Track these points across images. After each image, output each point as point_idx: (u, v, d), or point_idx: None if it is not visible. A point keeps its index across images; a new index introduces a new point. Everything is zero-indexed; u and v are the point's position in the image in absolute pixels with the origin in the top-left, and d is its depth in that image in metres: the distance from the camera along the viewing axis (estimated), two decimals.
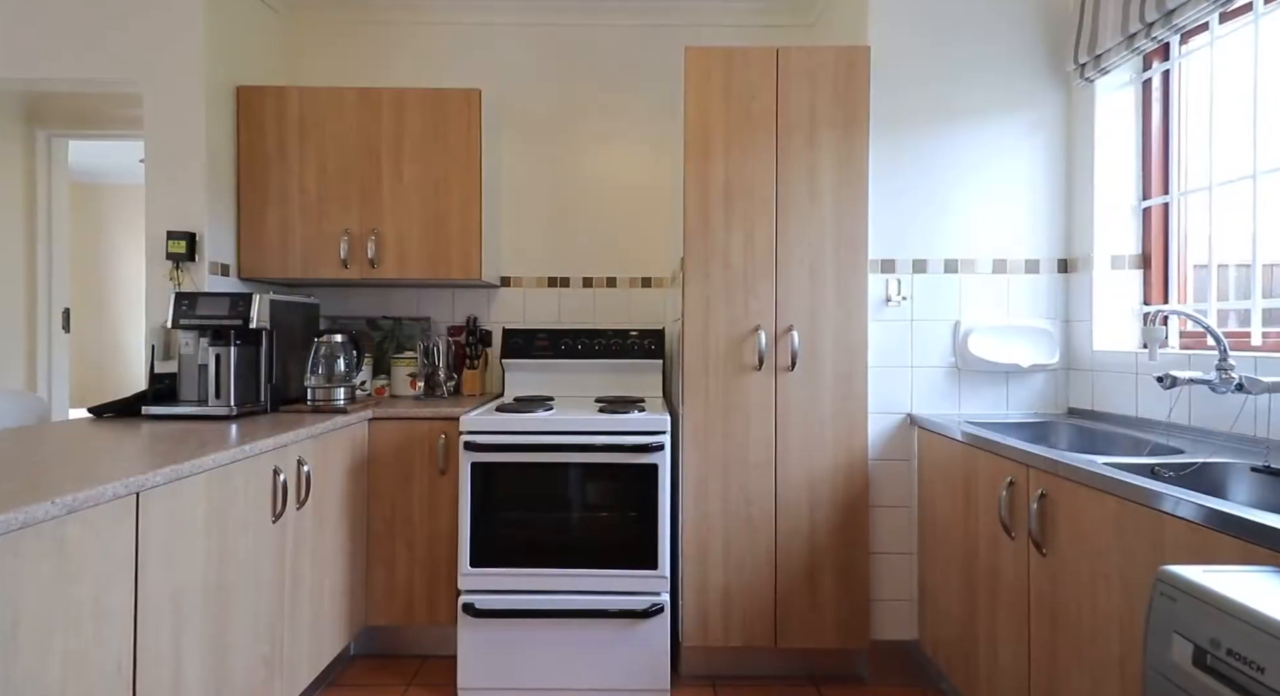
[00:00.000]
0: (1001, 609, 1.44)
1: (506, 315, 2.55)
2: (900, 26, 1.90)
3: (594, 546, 1.80)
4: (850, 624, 1.85)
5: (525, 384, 2.40)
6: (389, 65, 2.54)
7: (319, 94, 2.19)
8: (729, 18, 2.49)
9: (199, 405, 1.80)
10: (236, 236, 2.20)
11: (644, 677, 1.78)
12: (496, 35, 2.53)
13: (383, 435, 1.98)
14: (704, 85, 1.85)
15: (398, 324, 2.53)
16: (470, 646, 1.78)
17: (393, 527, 1.97)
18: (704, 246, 1.85)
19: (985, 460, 1.50)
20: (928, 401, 1.93)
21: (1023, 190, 1.90)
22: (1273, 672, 0.62)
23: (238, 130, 2.19)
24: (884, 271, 1.92)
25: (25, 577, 0.88)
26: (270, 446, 1.46)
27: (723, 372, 1.85)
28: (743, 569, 1.84)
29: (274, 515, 1.48)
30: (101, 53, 2.04)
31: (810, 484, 1.85)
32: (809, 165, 1.83)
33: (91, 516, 0.98)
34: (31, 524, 0.88)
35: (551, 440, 1.80)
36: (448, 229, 2.22)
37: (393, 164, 2.21)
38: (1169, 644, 0.75)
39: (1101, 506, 1.11)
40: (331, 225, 2.21)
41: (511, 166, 2.55)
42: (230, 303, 1.81)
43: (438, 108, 2.20)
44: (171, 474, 1.14)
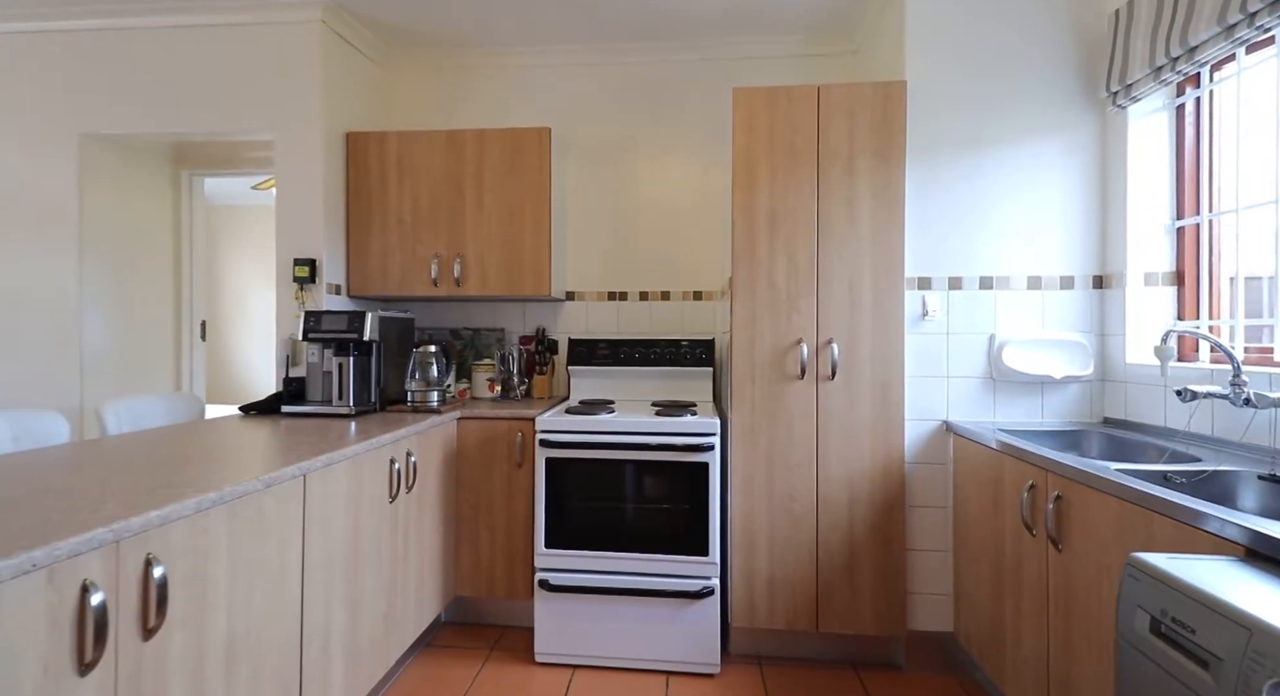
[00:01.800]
0: (1024, 600, 1.57)
1: (571, 326, 2.83)
2: (937, 60, 2.04)
3: (651, 533, 2.04)
4: (888, 613, 2.00)
5: (588, 388, 2.67)
6: (468, 103, 2.87)
7: (414, 137, 2.53)
8: (774, 49, 2.67)
9: (324, 405, 2.16)
10: (346, 260, 2.58)
11: (697, 652, 2.01)
12: (561, 74, 2.81)
13: (469, 432, 2.28)
14: (750, 122, 2.05)
15: (476, 334, 2.85)
16: (545, 617, 2.06)
17: (477, 513, 2.27)
18: (750, 267, 2.05)
19: (1010, 465, 1.64)
20: (964, 409, 2.06)
21: (1057, 210, 2.00)
22: (1201, 633, 0.79)
23: (347, 170, 2.56)
24: (920, 288, 2.07)
25: (241, 534, 1.20)
26: (389, 440, 1.77)
27: (767, 381, 2.04)
28: (786, 558, 2.03)
29: (390, 496, 1.80)
30: (241, 108, 2.45)
31: (849, 483, 2.02)
32: (848, 192, 2.00)
33: (278, 491, 1.30)
34: (245, 495, 1.20)
35: (614, 439, 2.05)
36: (521, 251, 2.51)
37: (475, 195, 2.52)
38: (1134, 615, 0.91)
39: (1105, 506, 1.25)
40: (424, 249, 2.54)
41: (575, 191, 2.83)
42: (348, 319, 2.16)
43: (513, 144, 2.50)
44: (327, 460, 1.46)
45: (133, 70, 2.48)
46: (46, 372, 2.54)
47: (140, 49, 2.47)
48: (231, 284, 6.14)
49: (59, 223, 2.52)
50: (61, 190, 2.52)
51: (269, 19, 2.39)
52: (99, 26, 2.47)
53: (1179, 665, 0.81)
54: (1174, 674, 0.82)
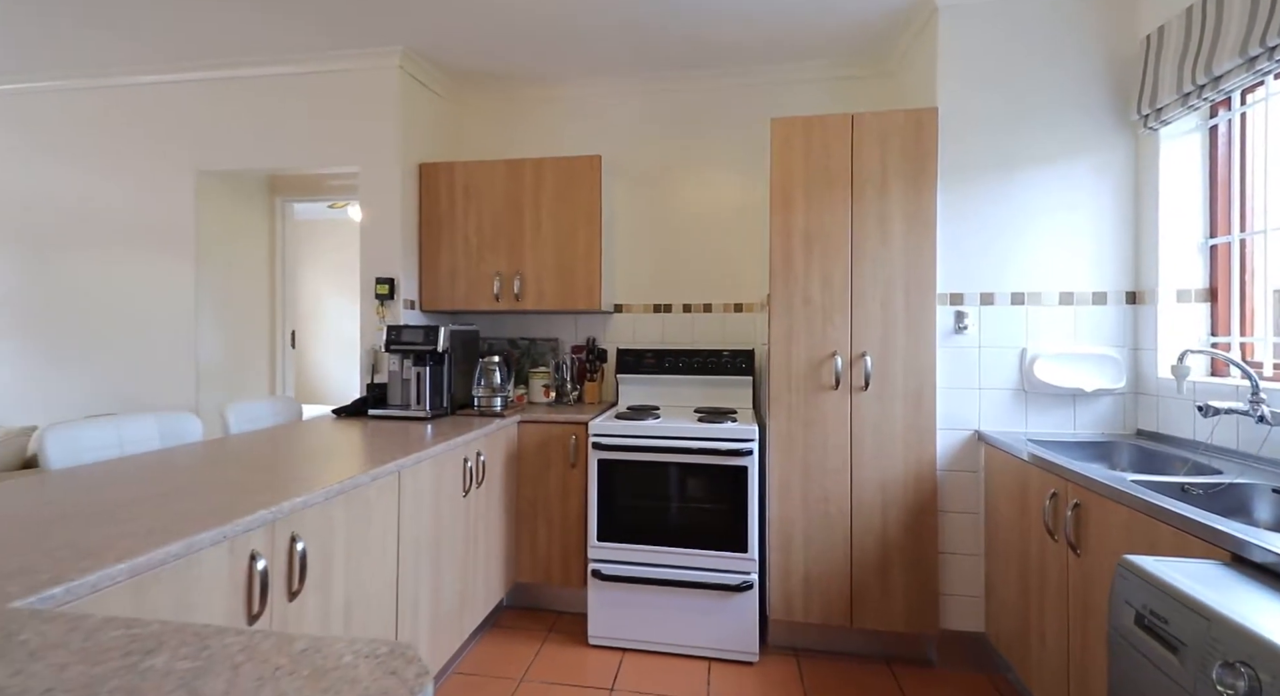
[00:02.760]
0: (1048, 601, 1.67)
1: (619, 336, 3.04)
2: (968, 85, 2.13)
3: (694, 530, 2.22)
4: (920, 612, 2.11)
5: (635, 395, 2.87)
6: (526, 132, 3.12)
7: (478, 166, 2.79)
8: (810, 73, 2.80)
9: (404, 409, 2.44)
10: (419, 278, 2.86)
11: (737, 642, 2.17)
12: (609, 103, 3.03)
13: (528, 435, 2.52)
14: (787, 149, 2.20)
15: (533, 343, 3.10)
16: (597, 604, 2.27)
17: (535, 508, 2.50)
18: (787, 284, 2.20)
19: (1035, 474, 1.73)
20: (995, 419, 2.14)
21: (1089, 228, 2.06)
22: (1172, 623, 0.91)
23: (420, 197, 2.85)
24: (952, 303, 2.16)
25: (360, 514, 1.45)
26: (463, 441, 2.02)
27: (804, 391, 2.19)
28: (821, 557, 2.17)
29: (464, 491, 2.05)
30: (330, 145, 2.76)
31: (882, 488, 2.14)
32: (880, 213, 2.12)
33: (380, 484, 1.56)
34: (357, 487, 1.45)
35: (661, 443, 2.24)
36: (574, 268, 2.74)
37: (533, 218, 2.76)
38: (1122, 610, 1.03)
39: (1117, 514, 1.35)
40: (487, 268, 2.80)
41: (623, 210, 3.04)
42: (424, 333, 2.43)
43: (567, 171, 2.73)
44: (416, 458, 1.70)
45: (239, 114, 2.84)
46: (168, 377, 2.94)
47: (245, 96, 2.83)
48: (305, 292, 6.67)
49: (180, 246, 2.92)
50: (182, 218, 2.91)
51: (355, 66, 2.70)
52: (211, 77, 2.84)
53: (1155, 651, 0.93)
54: (1152, 660, 0.94)
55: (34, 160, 3.04)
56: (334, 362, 6.46)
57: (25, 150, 3.05)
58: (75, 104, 2.99)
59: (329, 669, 0.60)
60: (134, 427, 1.84)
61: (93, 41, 2.63)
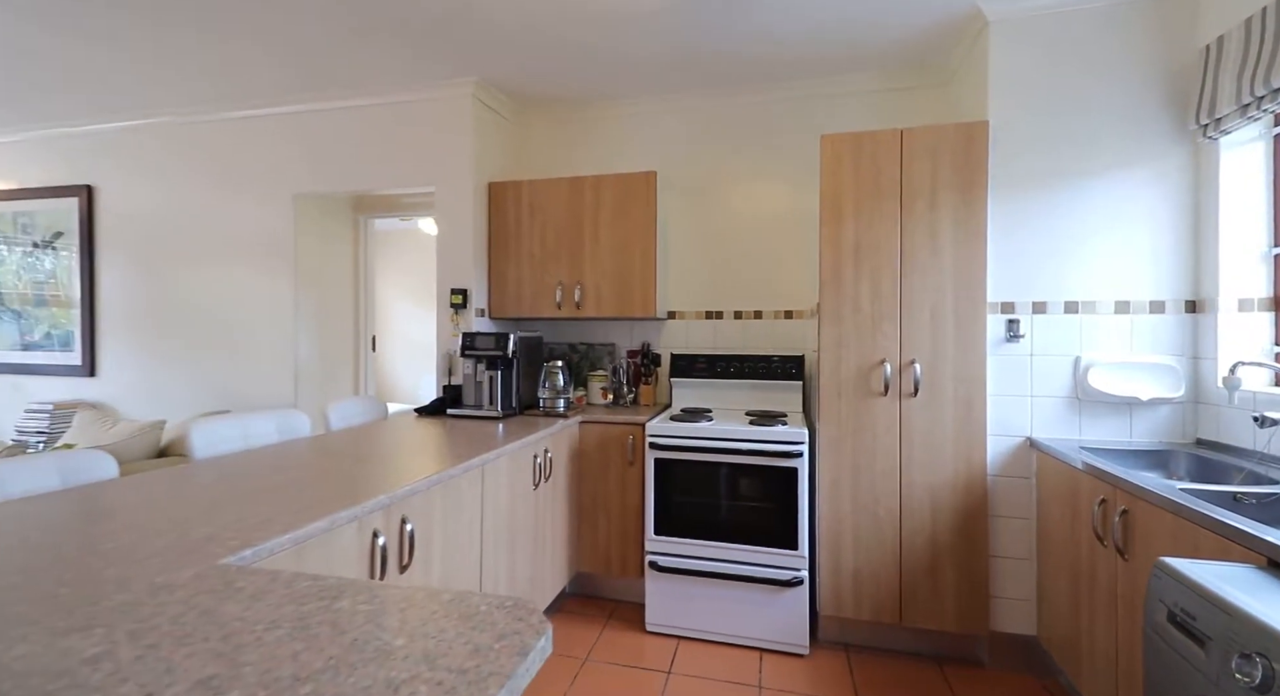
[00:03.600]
0: (1097, 605, 1.71)
1: (672, 341, 3.19)
2: (1021, 98, 2.17)
3: (746, 526, 2.34)
4: (970, 613, 2.16)
5: (688, 397, 3.01)
6: (584, 149, 3.31)
7: (542, 184, 3.00)
8: (861, 85, 2.87)
9: (477, 409, 2.68)
10: (488, 288, 3.10)
11: (788, 634, 2.28)
12: (662, 120, 3.18)
13: (589, 434, 2.70)
14: (836, 164, 2.29)
15: (590, 348, 3.29)
16: (654, 593, 2.43)
17: (595, 502, 2.68)
18: (836, 294, 2.29)
19: (1085, 481, 1.77)
20: (1049, 427, 2.17)
21: (1146, 238, 2.06)
22: (1199, 619, 0.98)
23: (490, 213, 3.09)
24: (1004, 312, 2.20)
25: (452, 502, 1.66)
26: (533, 440, 2.22)
27: (853, 397, 2.28)
28: (870, 556, 2.25)
29: (534, 484, 2.25)
30: (409, 167, 3.04)
31: (932, 492, 2.20)
32: (930, 226, 2.19)
33: (468, 476, 1.76)
34: (451, 478, 1.66)
35: (714, 444, 2.38)
36: (631, 278, 2.90)
37: (592, 231, 2.95)
38: (1157, 608, 1.10)
39: (1162, 520, 1.40)
40: (550, 278, 3.01)
41: (676, 221, 3.18)
42: (495, 339, 2.66)
43: (624, 187, 2.90)
44: (496, 454, 1.91)
45: (330, 143, 3.16)
46: (269, 377, 3.30)
47: (335, 126, 3.14)
48: (378, 297, 7.13)
49: (280, 260, 3.27)
50: (282, 235, 3.26)
51: (432, 96, 2.96)
52: (306, 110, 3.17)
53: (1184, 646, 1.01)
54: (1181, 653, 1.02)
55: (156, 185, 3.47)
56: (401, 363, 6.89)
57: (149, 177, 3.48)
58: (192, 136, 3.39)
59: (472, 614, 0.78)
60: (256, 423, 2.12)
61: (206, 82, 2.99)
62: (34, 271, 3.73)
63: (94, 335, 3.61)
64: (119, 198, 3.55)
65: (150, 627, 0.74)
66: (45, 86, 3.05)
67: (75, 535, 1.08)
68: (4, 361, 3.81)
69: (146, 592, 0.84)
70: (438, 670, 0.65)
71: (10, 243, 3.76)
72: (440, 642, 0.70)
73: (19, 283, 3.76)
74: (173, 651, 0.68)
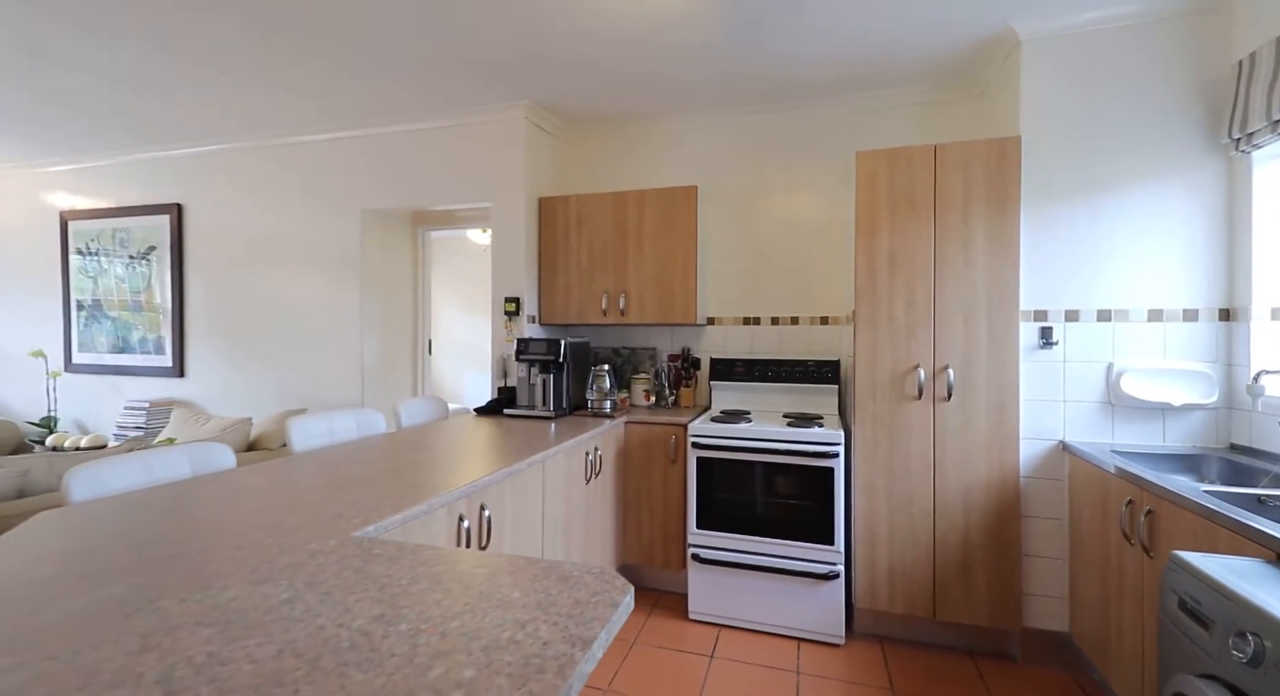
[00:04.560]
0: (1125, 601, 1.79)
1: (711, 346, 3.34)
2: (1053, 112, 2.24)
3: (783, 522, 2.48)
4: (1002, 608, 2.25)
5: (727, 400, 3.16)
6: (627, 164, 3.49)
7: (589, 198, 3.20)
8: (896, 99, 2.96)
9: (531, 409, 2.89)
10: (538, 296, 3.31)
11: (824, 625, 2.41)
12: (703, 135, 3.33)
13: (633, 434, 2.88)
14: (871, 179, 2.41)
15: (634, 352, 3.47)
16: (697, 584, 2.59)
17: (639, 498, 2.86)
18: (871, 302, 2.41)
19: (1114, 482, 1.85)
20: (1081, 430, 2.24)
21: (1178, 248, 2.12)
22: (1205, 605, 1.09)
23: (540, 226, 3.30)
24: (1036, 320, 2.28)
25: (519, 493, 1.86)
26: (586, 438, 2.41)
27: (887, 400, 2.39)
28: (905, 553, 2.36)
29: (586, 480, 2.44)
30: (466, 184, 3.28)
31: (965, 492, 2.30)
32: (963, 237, 2.29)
33: (533, 469, 1.96)
34: (518, 471, 1.85)
35: (753, 444, 2.52)
36: (672, 286, 3.07)
37: (636, 243, 3.12)
38: (1170, 597, 1.21)
39: (1184, 519, 1.49)
40: (596, 287, 3.20)
41: (715, 231, 3.34)
42: (547, 345, 2.86)
43: (667, 201, 3.07)
44: (554, 451, 2.10)
45: (394, 163, 3.42)
46: (338, 377, 3.59)
47: (401, 147, 3.40)
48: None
49: (348, 270, 3.55)
50: (351, 247, 3.54)
51: (488, 119, 3.19)
52: (372, 134, 3.44)
53: (1192, 629, 1.12)
54: (1189, 636, 1.12)
55: (237, 203, 3.81)
56: (447, 364, 7.22)
57: (233, 195, 3.82)
58: (270, 158, 3.71)
59: (567, 577, 0.96)
60: (340, 420, 2.37)
61: (284, 108, 3.29)
62: (130, 282, 4.13)
63: (183, 339, 3.98)
64: (204, 214, 3.90)
65: (320, 580, 0.94)
66: (142, 115, 3.40)
67: (228, 512, 1.31)
68: (103, 363, 4.23)
69: (306, 556, 1.05)
70: (551, 614, 0.83)
71: (110, 256, 4.17)
72: (547, 596, 0.89)
73: (117, 292, 4.17)
74: (344, 596, 0.88)
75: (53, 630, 0.78)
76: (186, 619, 0.81)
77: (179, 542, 1.11)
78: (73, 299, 4.31)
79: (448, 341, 7.19)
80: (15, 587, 0.92)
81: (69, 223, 4.28)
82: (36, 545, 1.10)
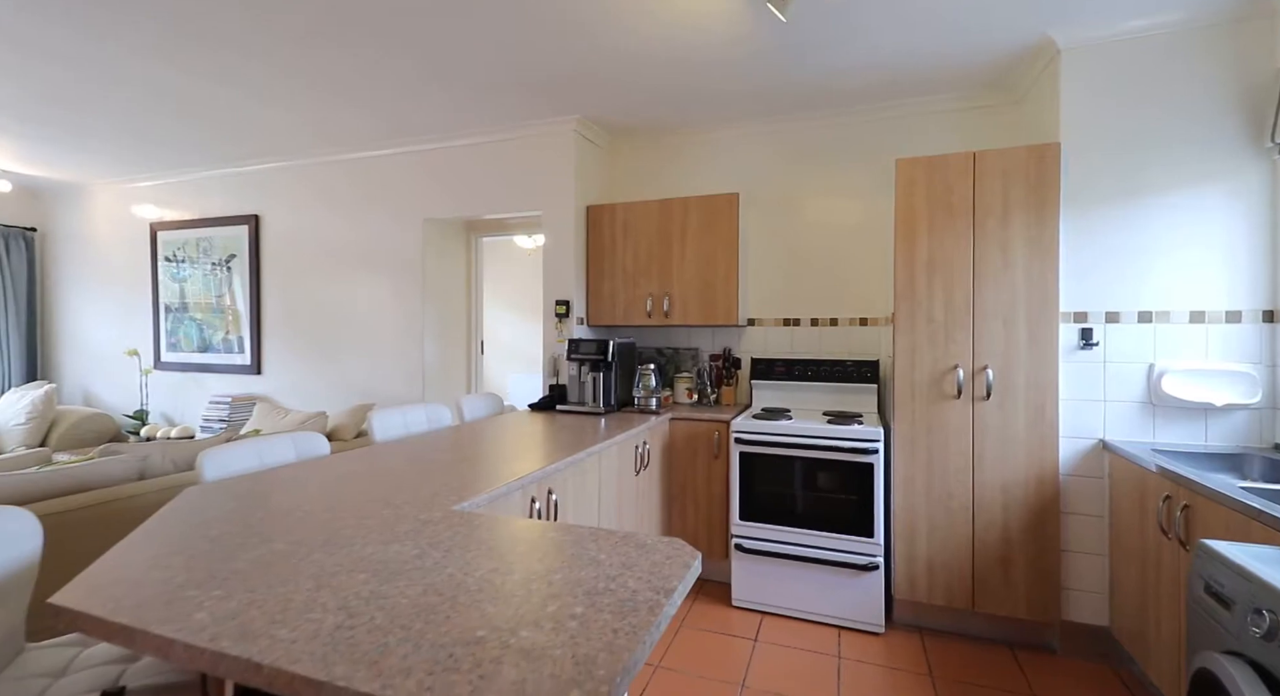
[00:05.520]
0: (1162, 594, 1.85)
1: (752, 346, 3.46)
2: (1094, 119, 2.29)
3: (824, 515, 2.59)
4: (1041, 602, 2.31)
5: (768, 398, 3.28)
6: (669, 172, 3.65)
7: (634, 206, 3.36)
8: (935, 105, 3.03)
9: (581, 405, 3.07)
10: (586, 299, 3.50)
11: (864, 614, 2.51)
12: (743, 144, 3.46)
13: (677, 430, 3.03)
14: (910, 187, 2.50)
15: (676, 352, 3.62)
16: (740, 572, 2.72)
17: (684, 491, 3.01)
18: (910, 305, 2.50)
19: (1152, 479, 1.91)
20: (1122, 429, 2.28)
21: (1221, 251, 2.14)
22: (1227, 586, 1.18)
23: (587, 233, 3.48)
24: (1076, 322, 2.34)
25: (579, 481, 2.03)
26: (635, 433, 2.58)
27: (926, 399, 2.48)
28: (944, 547, 2.45)
29: (635, 472, 2.60)
30: (520, 194, 3.49)
31: (1004, 489, 2.37)
32: (1002, 242, 2.36)
33: (591, 459, 2.14)
34: (577, 461, 2.03)
35: (795, 440, 2.64)
36: (715, 290, 3.21)
37: (679, 248, 3.28)
38: (1197, 582, 1.30)
39: (1217, 514, 1.55)
40: (641, 290, 3.36)
41: (756, 236, 3.46)
42: (597, 345, 3.04)
43: (709, 208, 3.21)
44: (609, 444, 2.28)
45: (452, 175, 3.66)
46: (401, 375, 3.85)
47: (459, 160, 3.64)
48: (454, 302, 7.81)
49: (410, 275, 3.82)
50: (413, 254, 3.80)
51: (541, 132, 3.40)
52: (433, 148, 3.69)
53: (1215, 610, 1.20)
54: (1213, 616, 1.21)
55: (310, 213, 4.12)
56: (494, 364, 7.51)
57: (306, 206, 4.14)
58: (340, 172, 4.01)
59: (643, 544, 1.12)
60: (413, 414, 2.60)
61: (355, 124, 3.57)
62: (213, 287, 4.50)
63: (260, 339, 4.33)
64: (279, 224, 4.24)
65: (438, 541, 1.13)
66: (224, 135, 3.73)
67: (341, 490, 1.52)
68: (189, 361, 4.62)
69: (418, 524, 1.24)
70: (634, 572, 0.99)
71: (194, 263, 4.56)
72: (629, 558, 1.05)
73: (201, 296, 4.56)
74: (462, 554, 1.07)
75: (244, 572, 0.99)
76: (341, 567, 1.01)
77: (310, 513, 1.32)
78: (161, 302, 4.73)
79: (494, 342, 7.47)
80: (203, 541, 1.14)
81: (158, 233, 4.69)
82: (198, 513, 1.33)
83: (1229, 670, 1.09)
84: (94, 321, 5.05)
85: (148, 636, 0.80)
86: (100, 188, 4.93)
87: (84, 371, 5.11)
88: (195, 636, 0.78)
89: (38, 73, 2.82)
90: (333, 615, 0.84)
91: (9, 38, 2.50)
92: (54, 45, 2.56)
